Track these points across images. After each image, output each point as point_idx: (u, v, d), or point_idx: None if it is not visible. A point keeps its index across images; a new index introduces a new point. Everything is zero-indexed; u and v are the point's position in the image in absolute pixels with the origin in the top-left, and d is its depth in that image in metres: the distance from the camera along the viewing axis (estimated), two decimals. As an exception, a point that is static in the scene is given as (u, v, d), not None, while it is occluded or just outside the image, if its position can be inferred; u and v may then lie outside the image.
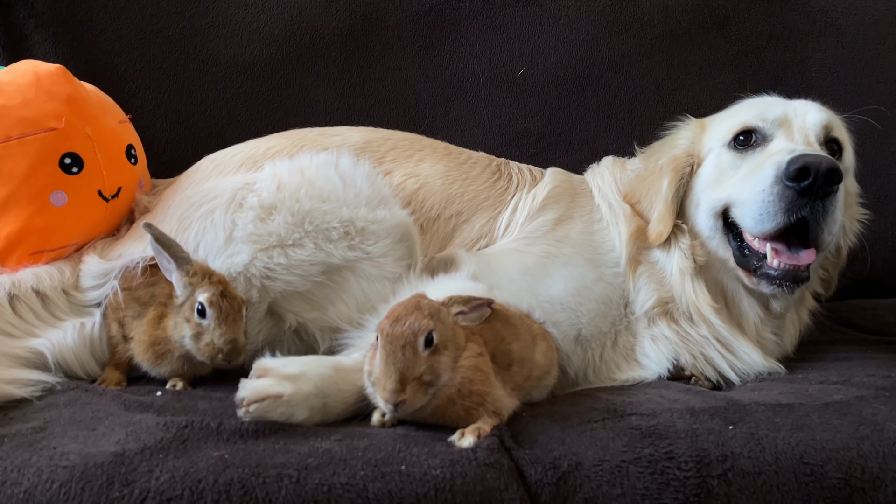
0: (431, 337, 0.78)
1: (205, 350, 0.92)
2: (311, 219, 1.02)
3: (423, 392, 0.77)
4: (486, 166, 1.23)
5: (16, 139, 1.03)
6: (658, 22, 1.54)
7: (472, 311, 0.83)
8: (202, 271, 0.94)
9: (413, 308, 0.79)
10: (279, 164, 1.09)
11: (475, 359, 0.81)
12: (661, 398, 0.91)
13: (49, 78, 1.08)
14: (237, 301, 0.93)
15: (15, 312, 1.00)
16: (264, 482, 0.67)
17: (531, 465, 0.74)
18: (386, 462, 0.71)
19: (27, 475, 0.66)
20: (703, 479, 0.74)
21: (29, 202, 1.04)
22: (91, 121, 1.09)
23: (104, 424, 0.76)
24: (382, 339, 0.78)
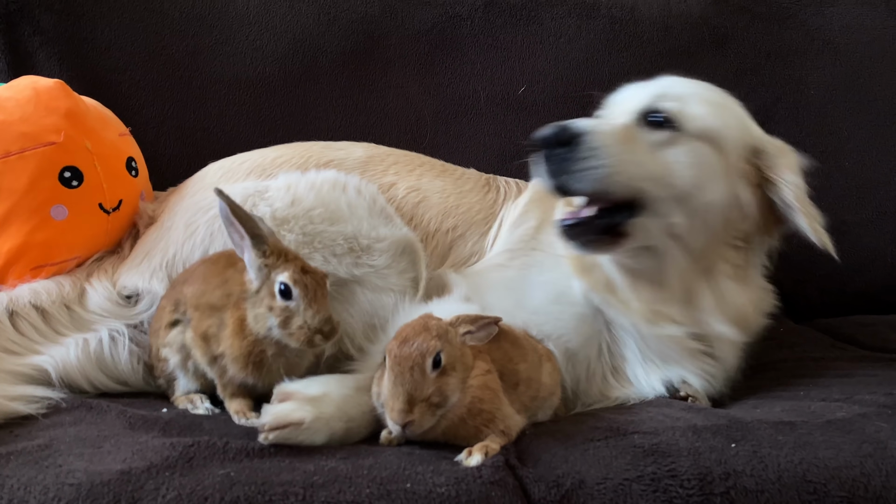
0: (439, 358, 0.78)
1: (299, 334, 0.83)
2: (320, 239, 1.03)
3: (432, 413, 0.78)
4: (477, 180, 1.24)
5: (15, 154, 1.04)
6: (657, 40, 1.55)
7: (479, 330, 0.83)
8: (277, 250, 0.85)
9: (421, 329, 0.79)
10: (292, 176, 1.09)
11: (484, 377, 0.82)
12: (663, 416, 0.91)
13: (48, 93, 1.09)
14: (319, 275, 0.85)
15: (16, 329, 1.00)
16: (270, 500, 0.67)
17: (535, 483, 0.75)
18: (391, 480, 0.71)
19: (34, 493, 0.67)
20: (705, 497, 0.75)
21: (29, 217, 1.05)
22: (90, 134, 1.10)
23: (110, 443, 0.76)
24: (390, 360, 0.78)
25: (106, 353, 0.99)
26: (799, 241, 1.57)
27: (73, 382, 0.97)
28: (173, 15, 1.43)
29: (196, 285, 0.93)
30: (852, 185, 1.59)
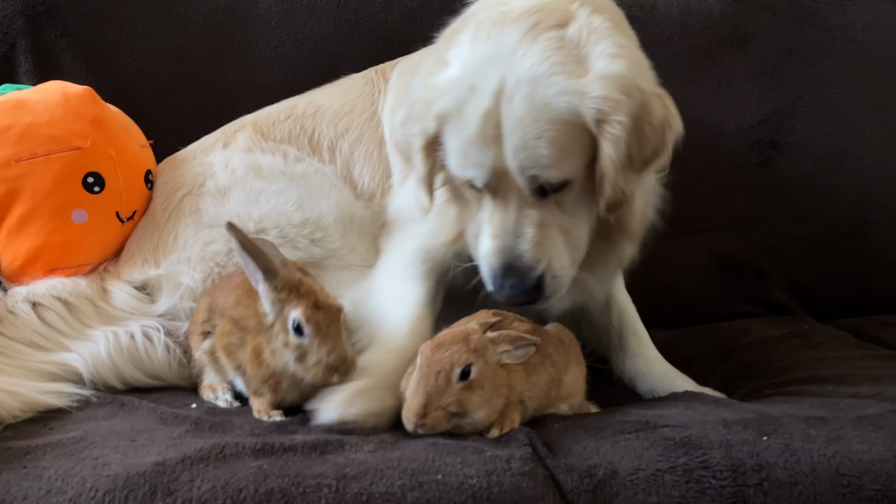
0: (468, 371, 0.79)
1: (315, 371, 0.82)
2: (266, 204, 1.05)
3: (446, 420, 0.79)
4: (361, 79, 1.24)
5: (42, 156, 1.06)
6: (677, 39, 1.54)
7: (517, 349, 0.83)
8: (289, 284, 0.84)
9: (460, 339, 0.80)
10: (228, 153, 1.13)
11: (508, 389, 0.83)
12: (691, 411, 0.91)
13: (77, 99, 1.11)
14: (334, 309, 0.84)
15: (42, 320, 1.00)
16: (304, 492, 0.68)
17: (566, 473, 0.75)
18: (422, 472, 0.72)
19: (71, 484, 0.67)
20: (738, 489, 0.74)
21: (50, 218, 1.06)
22: (115, 143, 1.12)
23: (143, 436, 0.78)
24: (421, 359, 0.80)
25: (140, 348, 0.99)
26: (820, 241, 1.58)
27: (103, 379, 0.97)
28: (196, 19, 1.45)
29: (225, 296, 0.93)
30: (874, 183, 1.57)
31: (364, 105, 1.21)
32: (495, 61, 0.85)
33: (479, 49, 0.87)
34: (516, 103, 0.83)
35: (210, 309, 0.95)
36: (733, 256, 1.52)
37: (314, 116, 1.21)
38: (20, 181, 1.06)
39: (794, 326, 1.41)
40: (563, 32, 0.86)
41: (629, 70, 0.85)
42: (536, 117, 0.83)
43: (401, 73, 1.20)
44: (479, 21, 0.89)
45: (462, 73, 0.87)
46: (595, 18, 0.87)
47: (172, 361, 1.01)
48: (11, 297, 1.01)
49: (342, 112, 1.21)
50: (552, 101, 0.83)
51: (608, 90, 0.83)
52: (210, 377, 0.96)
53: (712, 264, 1.51)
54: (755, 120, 1.54)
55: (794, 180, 1.54)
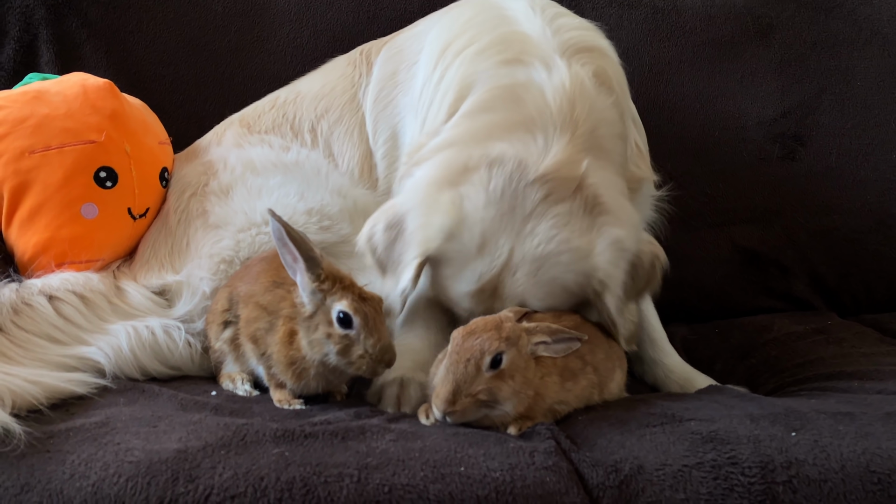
0: (499, 359, 0.78)
1: (360, 363, 0.82)
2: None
3: (476, 408, 0.78)
4: (343, 61, 1.23)
5: (55, 149, 1.05)
6: (700, 30, 1.52)
7: (556, 342, 0.82)
8: (332, 275, 0.83)
9: (492, 326, 0.79)
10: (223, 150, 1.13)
11: (540, 382, 0.81)
12: (716, 404, 0.89)
13: (96, 92, 1.10)
14: (376, 300, 0.83)
15: (59, 314, 0.99)
16: (326, 481, 0.67)
17: (591, 467, 0.74)
18: (444, 463, 0.71)
19: (94, 469, 0.67)
20: (767, 486, 0.73)
21: (60, 212, 1.05)
22: (131, 138, 1.10)
23: (164, 423, 0.77)
24: (452, 346, 0.79)
25: (161, 343, 0.99)
26: (843, 236, 1.55)
27: (124, 372, 0.97)
28: (216, 10, 1.44)
29: (249, 284, 0.93)
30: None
31: (344, 86, 1.21)
32: (506, 230, 0.87)
33: (491, 210, 0.87)
34: (519, 277, 0.88)
35: (231, 298, 0.95)
36: (755, 250, 1.50)
37: (295, 102, 1.21)
38: (33, 173, 1.05)
39: (816, 322, 1.39)
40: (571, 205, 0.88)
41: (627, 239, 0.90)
42: (538, 288, 0.88)
43: (385, 59, 1.19)
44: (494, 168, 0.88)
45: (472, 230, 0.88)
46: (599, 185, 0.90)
47: (194, 355, 1.01)
48: (26, 289, 1.01)
49: (321, 94, 1.20)
50: (557, 276, 0.88)
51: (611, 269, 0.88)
52: (229, 366, 0.96)
53: (734, 258, 1.49)
54: (778, 112, 1.52)
55: (818, 174, 1.51)
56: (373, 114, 1.17)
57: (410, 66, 1.14)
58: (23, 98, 1.09)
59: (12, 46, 1.33)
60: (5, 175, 1.06)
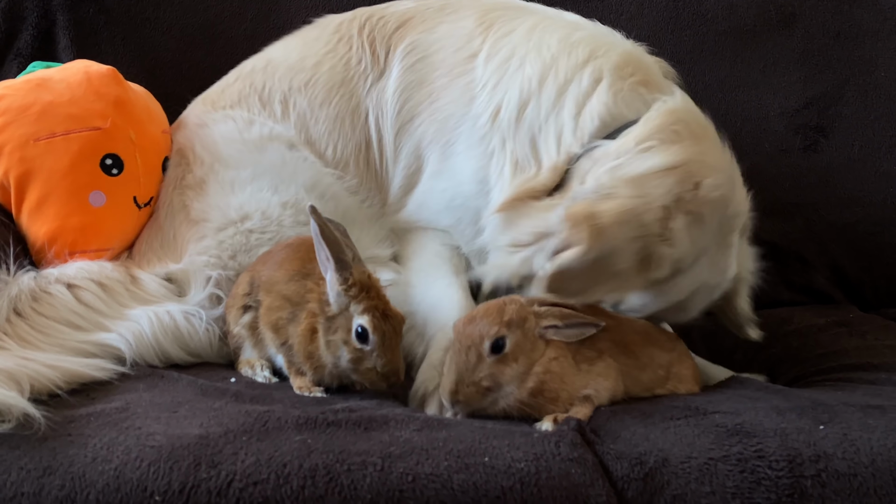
0: (500, 344, 0.77)
1: (365, 375, 0.82)
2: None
3: (481, 397, 0.77)
4: (326, 28, 1.16)
5: (60, 136, 1.03)
6: (722, 19, 1.50)
7: (567, 327, 0.80)
8: (361, 283, 0.82)
9: (493, 311, 0.78)
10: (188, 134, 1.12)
11: (549, 362, 0.79)
12: (740, 397, 0.88)
13: (100, 79, 1.09)
14: (398, 320, 0.83)
15: (78, 300, 0.98)
16: (349, 469, 0.67)
17: (616, 460, 0.73)
18: (468, 454, 0.70)
19: (116, 453, 0.67)
20: (795, 480, 0.71)
21: (68, 200, 1.04)
22: (136, 125, 1.09)
23: (184, 408, 0.77)
24: (454, 335, 0.79)
25: (182, 329, 0.98)
26: (865, 229, 1.53)
27: (144, 359, 0.96)
28: (232, -4, 1.44)
29: (272, 271, 0.92)
30: (923, 170, 1.52)
31: (333, 64, 1.13)
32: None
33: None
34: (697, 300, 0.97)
35: (252, 283, 0.94)
36: (776, 243, 1.47)
37: (264, 71, 1.15)
38: (38, 161, 1.03)
39: (838, 315, 1.37)
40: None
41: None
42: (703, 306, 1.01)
43: (410, 63, 1.10)
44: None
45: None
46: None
47: (213, 341, 1.00)
48: (44, 278, 1.00)
49: (300, 66, 1.13)
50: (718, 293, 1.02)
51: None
52: (248, 352, 0.95)
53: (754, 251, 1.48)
54: (801, 103, 1.50)
55: (840, 166, 1.49)
56: (395, 123, 1.10)
57: (455, 76, 1.07)
58: (26, 86, 1.08)
59: (30, 32, 1.32)
60: (10, 164, 1.05)
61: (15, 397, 0.73)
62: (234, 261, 1.04)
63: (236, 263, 1.03)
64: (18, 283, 0.97)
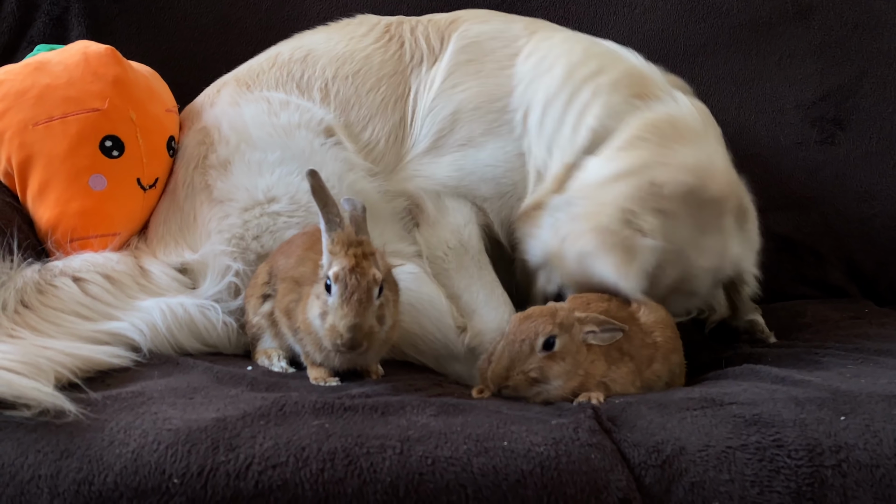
0: (551, 342, 0.84)
1: (327, 334, 0.79)
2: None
3: (527, 385, 0.84)
4: (372, 25, 1.20)
5: (58, 119, 1.01)
6: (737, 11, 1.49)
7: (603, 332, 0.87)
8: (344, 241, 0.80)
9: (547, 313, 0.86)
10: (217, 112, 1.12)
11: (590, 365, 0.87)
12: (757, 388, 0.87)
13: (98, 58, 1.06)
14: (368, 278, 0.78)
15: (85, 293, 0.97)
16: (368, 452, 0.66)
17: (633, 447, 0.72)
18: (487, 438, 0.70)
19: (133, 436, 0.67)
20: (815, 469, 0.71)
21: (68, 185, 1.02)
22: (136, 105, 1.06)
23: (200, 394, 0.77)
24: (509, 328, 0.86)
25: (198, 323, 0.97)
26: (882, 223, 1.52)
27: (159, 349, 0.94)
28: (248, -14, 1.44)
29: (287, 258, 0.92)
30: (941, 163, 1.50)
31: (384, 58, 1.16)
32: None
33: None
34: (698, 286, 1.05)
35: (271, 272, 0.94)
36: (791, 237, 1.47)
37: (304, 61, 1.16)
38: (37, 146, 1.01)
39: (853, 310, 1.36)
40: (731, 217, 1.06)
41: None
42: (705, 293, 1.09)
43: (460, 47, 1.16)
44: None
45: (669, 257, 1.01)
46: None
47: (231, 335, 0.99)
48: (49, 270, 0.98)
49: (349, 58, 1.16)
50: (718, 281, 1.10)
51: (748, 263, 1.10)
52: (266, 342, 0.95)
53: (769, 245, 1.43)
54: (817, 96, 1.48)
55: (857, 159, 1.48)
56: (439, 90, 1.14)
57: (500, 66, 1.15)
58: (24, 70, 1.06)
59: (42, 20, 1.32)
60: (11, 150, 1.03)
61: (50, 392, 0.72)
62: (258, 242, 1.03)
63: (259, 245, 1.03)
64: (23, 276, 0.95)
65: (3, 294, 0.92)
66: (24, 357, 0.78)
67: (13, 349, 0.81)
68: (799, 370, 0.95)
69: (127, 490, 0.64)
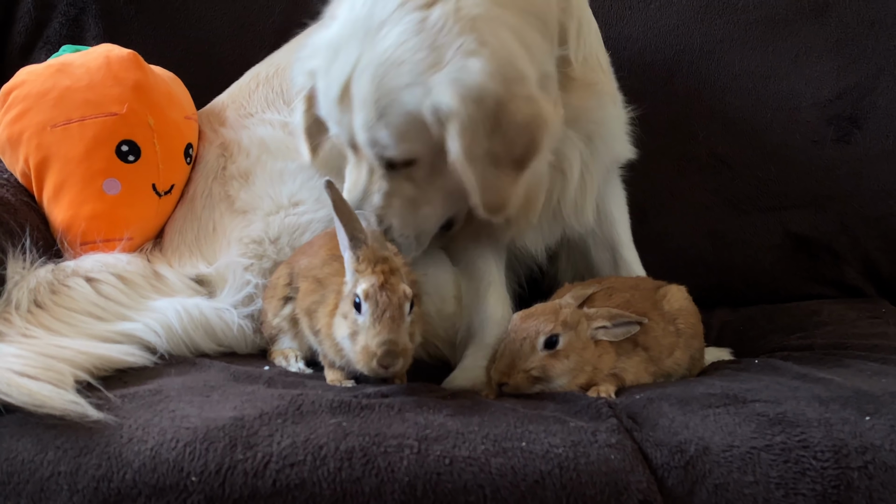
0: (553, 340, 0.83)
1: (360, 356, 0.76)
2: None
3: (529, 383, 0.83)
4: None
5: (76, 122, 1.02)
6: (753, 7, 1.47)
7: (615, 327, 0.86)
8: (370, 258, 0.78)
9: (549, 311, 0.85)
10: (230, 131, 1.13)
11: (598, 359, 0.86)
12: (779, 385, 0.86)
13: (120, 63, 1.06)
14: (398, 295, 0.76)
15: (98, 293, 0.97)
16: (385, 451, 0.66)
17: (655, 447, 0.71)
18: (505, 438, 0.69)
19: (152, 434, 0.67)
20: (841, 471, 0.70)
21: (83, 188, 1.02)
22: (155, 110, 1.06)
23: (217, 393, 0.76)
24: (510, 327, 0.85)
25: (215, 326, 0.96)
26: (902, 222, 1.50)
27: (173, 350, 0.93)
28: (261, -12, 1.44)
29: (310, 258, 0.91)
30: (960, 163, 1.48)
31: None
32: (361, 33, 0.84)
33: (354, 13, 0.86)
34: (364, 83, 0.83)
35: (291, 273, 0.93)
36: (807, 236, 1.45)
37: (278, 75, 1.18)
38: (54, 147, 1.01)
39: (870, 309, 1.34)
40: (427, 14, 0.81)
41: (483, 73, 0.79)
42: (378, 101, 0.83)
43: None
44: None
45: (334, 36, 0.88)
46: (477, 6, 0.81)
47: (248, 337, 0.98)
48: (61, 271, 0.98)
49: None
50: (396, 91, 0.82)
51: (450, 97, 0.79)
52: (285, 343, 0.94)
53: (785, 244, 1.45)
54: (834, 94, 1.46)
55: (874, 157, 1.46)
56: None
57: None
58: (46, 71, 1.06)
59: (59, 20, 1.33)
60: (29, 150, 1.03)
61: (71, 399, 0.71)
62: (275, 246, 1.02)
63: (275, 250, 1.02)
64: (36, 276, 0.95)
65: (17, 293, 0.92)
66: (42, 361, 0.78)
67: (30, 351, 0.81)
68: (819, 368, 0.94)
69: (145, 487, 0.64)
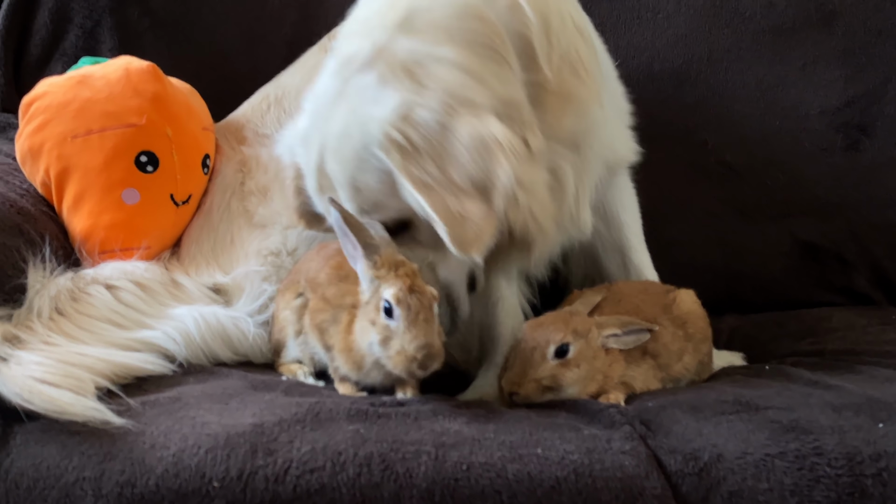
0: (564, 349, 0.83)
1: (397, 360, 0.77)
2: None
3: (540, 392, 0.83)
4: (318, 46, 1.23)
5: (96, 133, 1.04)
6: (761, 17, 1.49)
7: (626, 335, 0.86)
8: (389, 262, 0.80)
9: (559, 320, 0.85)
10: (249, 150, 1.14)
11: (609, 368, 0.86)
12: (790, 391, 0.87)
13: (139, 74, 1.08)
14: (427, 297, 0.78)
15: (118, 300, 0.98)
16: (403, 457, 0.67)
17: (669, 454, 0.72)
18: (521, 444, 0.70)
19: (173, 440, 0.68)
20: (855, 478, 0.70)
21: (102, 197, 1.04)
22: (173, 122, 1.08)
23: (236, 400, 0.78)
24: (522, 336, 0.85)
25: (231, 334, 0.97)
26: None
27: (190, 359, 0.94)
28: (273, 2, 1.44)
29: (318, 268, 0.91)
30: (967, 173, 1.48)
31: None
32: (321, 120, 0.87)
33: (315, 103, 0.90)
34: (332, 165, 0.86)
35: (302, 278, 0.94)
36: (816, 244, 1.46)
37: (284, 98, 1.21)
38: (75, 158, 1.04)
39: (879, 316, 1.34)
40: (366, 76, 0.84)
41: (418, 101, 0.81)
42: (349, 174, 0.86)
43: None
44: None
45: (301, 130, 0.91)
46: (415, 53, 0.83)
47: (263, 345, 1.00)
48: (81, 279, 1.00)
49: (302, 88, 1.13)
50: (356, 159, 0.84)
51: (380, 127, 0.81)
52: (291, 351, 0.94)
53: (793, 251, 1.46)
54: (842, 102, 1.47)
55: (883, 165, 1.46)
56: None
57: None
58: (67, 83, 1.09)
59: (75, 33, 1.35)
60: (49, 161, 1.06)
61: (93, 406, 0.72)
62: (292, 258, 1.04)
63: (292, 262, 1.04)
64: (56, 284, 0.97)
65: (38, 301, 0.94)
66: (63, 368, 0.80)
67: (51, 359, 0.82)
68: (830, 374, 0.94)
69: (168, 493, 0.65)
